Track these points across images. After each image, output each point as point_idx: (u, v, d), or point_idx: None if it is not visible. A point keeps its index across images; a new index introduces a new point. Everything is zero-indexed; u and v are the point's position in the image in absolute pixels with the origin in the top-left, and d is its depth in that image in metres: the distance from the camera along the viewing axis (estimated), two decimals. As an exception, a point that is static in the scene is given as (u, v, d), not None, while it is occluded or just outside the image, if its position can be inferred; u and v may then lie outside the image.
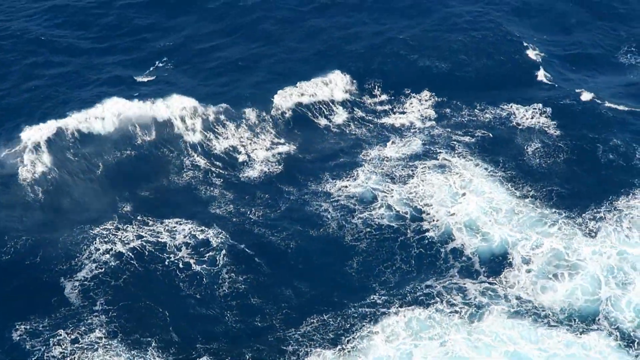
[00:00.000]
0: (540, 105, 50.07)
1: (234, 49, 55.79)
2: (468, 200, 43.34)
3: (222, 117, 49.22)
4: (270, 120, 49.50)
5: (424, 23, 57.88)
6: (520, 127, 48.77)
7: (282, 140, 48.47)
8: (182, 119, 48.54)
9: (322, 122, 49.97)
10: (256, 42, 56.56)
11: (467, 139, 47.89)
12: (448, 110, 50.47)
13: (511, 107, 50.27)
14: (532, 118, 49.19)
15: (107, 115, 47.83)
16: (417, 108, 50.70)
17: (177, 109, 48.88)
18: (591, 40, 56.87)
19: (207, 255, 40.83)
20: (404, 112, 50.52)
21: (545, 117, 49.28)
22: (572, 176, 45.30)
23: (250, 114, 49.65)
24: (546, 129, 48.38)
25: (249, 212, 43.42)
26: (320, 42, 56.26)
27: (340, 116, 50.30)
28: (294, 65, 54.15)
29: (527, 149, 47.15)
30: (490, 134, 48.13)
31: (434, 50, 54.84)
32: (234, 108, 49.79)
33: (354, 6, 60.11)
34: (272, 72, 53.53)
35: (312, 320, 37.81)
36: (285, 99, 50.78)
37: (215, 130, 48.61)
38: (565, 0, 60.69)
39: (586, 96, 50.76)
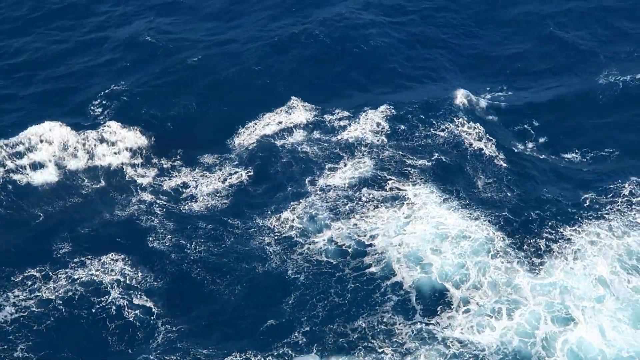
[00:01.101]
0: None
1: (188, 96, 55.13)
2: (414, 230, 42.26)
3: (177, 162, 48.91)
4: (228, 156, 48.98)
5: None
6: (471, 151, 47.52)
7: (236, 171, 47.76)
8: (134, 166, 48.38)
9: (280, 148, 49.06)
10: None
11: (420, 162, 46.76)
12: (403, 127, 49.46)
13: (464, 128, 49.06)
14: (479, 141, 47.92)
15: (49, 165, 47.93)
16: (373, 123, 49.89)
17: (127, 156, 48.77)
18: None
19: (141, 299, 40.20)
20: (358, 128, 49.73)
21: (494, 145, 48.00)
22: (520, 206, 43.96)
23: (208, 158, 49.17)
24: (495, 157, 47.01)
25: (190, 247, 42.84)
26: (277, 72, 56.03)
27: (299, 139, 49.56)
28: (253, 99, 53.93)
29: (478, 175, 45.98)
30: (444, 157, 46.94)
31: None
32: (190, 152, 49.62)
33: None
34: (232, 111, 53.27)
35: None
36: (245, 134, 50.50)
37: (170, 173, 48.24)
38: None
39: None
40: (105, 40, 60.40)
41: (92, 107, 53.33)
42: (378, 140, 48.63)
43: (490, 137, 48.13)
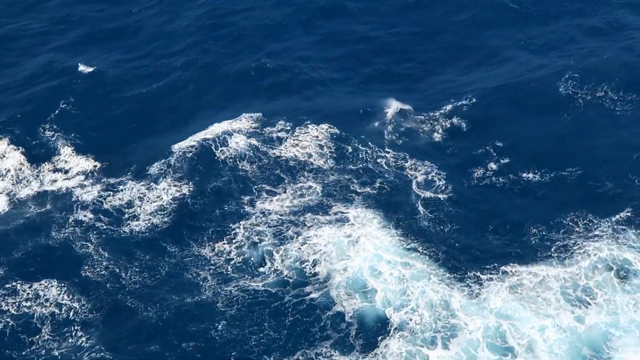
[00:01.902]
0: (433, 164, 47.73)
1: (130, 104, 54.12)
2: (356, 257, 41.46)
3: (123, 177, 47.82)
4: (170, 169, 47.71)
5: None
6: (416, 179, 46.59)
7: (177, 185, 46.67)
8: (82, 187, 47.35)
9: (222, 162, 47.96)
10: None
11: (363, 187, 45.82)
12: (350, 149, 48.35)
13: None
14: (425, 174, 46.89)
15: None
16: (317, 143, 48.73)
17: (75, 178, 47.89)
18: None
19: (71, 339, 39.03)
20: (302, 147, 48.56)
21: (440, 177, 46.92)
22: (463, 237, 43.17)
23: (151, 168, 47.99)
24: (442, 189, 46.02)
25: (124, 276, 41.87)
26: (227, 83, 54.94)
27: (241, 154, 48.32)
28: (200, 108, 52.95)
29: (420, 204, 44.99)
30: (387, 185, 45.97)
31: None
32: (135, 164, 48.55)
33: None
34: (176, 121, 52.30)
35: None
36: (186, 145, 49.08)
37: (114, 188, 47.09)
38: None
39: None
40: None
41: (44, 132, 52.11)
42: (320, 161, 47.61)
43: (437, 163, 47.26)
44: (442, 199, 45.16)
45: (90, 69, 56.89)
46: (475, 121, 50.34)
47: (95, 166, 48.83)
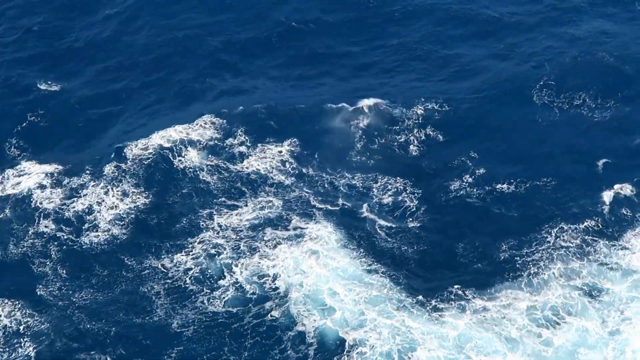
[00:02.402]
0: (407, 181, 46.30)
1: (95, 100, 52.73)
2: (315, 275, 40.36)
3: (82, 179, 46.41)
4: (128, 174, 46.20)
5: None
6: (385, 195, 45.24)
7: (135, 192, 45.29)
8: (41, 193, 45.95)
9: (181, 171, 46.51)
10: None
11: (326, 205, 44.44)
12: (311, 169, 46.77)
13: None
14: (395, 190, 45.51)
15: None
16: (279, 159, 47.13)
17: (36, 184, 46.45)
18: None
19: (21, 350, 38.05)
20: (263, 161, 47.02)
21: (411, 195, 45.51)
22: (429, 258, 42.05)
23: (108, 169, 46.52)
24: (411, 207, 44.67)
25: (77, 295, 40.68)
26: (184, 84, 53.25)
27: (200, 165, 46.84)
28: (160, 111, 51.27)
29: (385, 223, 43.66)
30: (348, 204, 44.60)
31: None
32: (93, 166, 47.19)
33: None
34: (133, 122, 50.69)
35: None
36: (143, 148, 47.55)
37: (75, 193, 45.74)
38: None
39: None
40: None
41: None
42: (282, 176, 46.15)
43: (412, 181, 45.86)
44: (410, 217, 44.07)
45: (49, 83, 55.00)
46: (450, 131, 49.04)
47: (55, 170, 47.35)
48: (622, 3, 57.81)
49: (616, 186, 44.75)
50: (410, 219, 43.78)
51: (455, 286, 40.20)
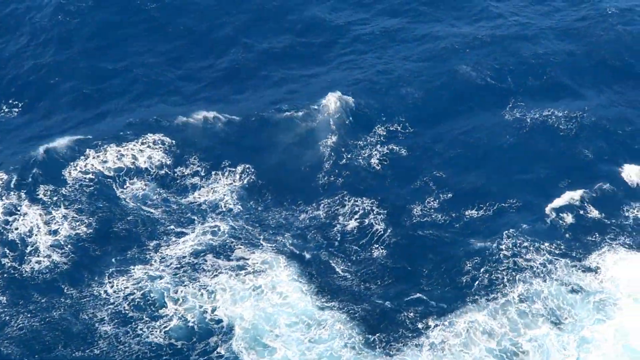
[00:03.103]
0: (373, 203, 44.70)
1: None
2: (263, 309, 38.77)
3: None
4: (69, 195, 44.24)
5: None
6: (350, 221, 43.84)
7: (76, 218, 43.40)
8: None
9: (125, 195, 44.87)
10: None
11: (277, 234, 42.92)
12: (267, 197, 45.18)
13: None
14: (360, 214, 43.96)
15: None
16: (232, 187, 45.49)
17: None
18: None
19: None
20: (214, 190, 45.35)
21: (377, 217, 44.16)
22: (392, 291, 40.68)
23: (45, 189, 44.53)
24: (372, 234, 43.26)
25: (12, 323, 38.68)
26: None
27: (146, 189, 45.08)
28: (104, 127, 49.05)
29: (339, 264, 42.07)
30: (307, 231, 43.24)
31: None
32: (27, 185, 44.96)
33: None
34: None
35: None
36: (86, 166, 45.74)
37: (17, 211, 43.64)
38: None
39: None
40: None
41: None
42: (237, 203, 44.53)
43: (378, 207, 44.19)
44: (375, 244, 42.71)
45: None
46: (414, 148, 47.89)
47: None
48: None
49: (581, 207, 44.07)
50: (376, 246, 42.45)
51: (417, 322, 38.92)
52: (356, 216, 43.45)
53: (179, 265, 40.99)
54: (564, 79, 52.17)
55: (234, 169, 46.24)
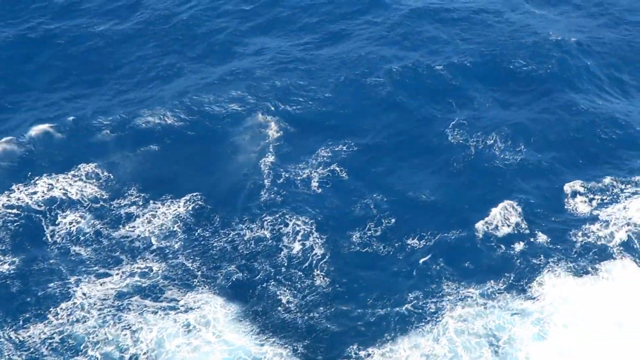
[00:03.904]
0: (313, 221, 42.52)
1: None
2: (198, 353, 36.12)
3: None
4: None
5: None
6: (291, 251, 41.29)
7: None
8: None
9: (51, 238, 41.79)
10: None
11: (215, 271, 40.30)
12: (216, 220, 42.76)
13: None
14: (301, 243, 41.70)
15: None
16: (170, 219, 42.75)
17: None
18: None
19: None
20: (149, 221, 42.58)
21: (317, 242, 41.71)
22: (335, 324, 38.20)
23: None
24: (315, 263, 40.77)
25: None
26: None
27: (75, 227, 42.33)
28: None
29: (287, 289, 39.74)
30: (246, 266, 40.52)
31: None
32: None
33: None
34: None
35: None
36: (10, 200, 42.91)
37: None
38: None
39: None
40: None
41: None
42: (168, 242, 41.79)
43: (319, 233, 41.90)
44: (315, 270, 40.21)
45: None
46: (356, 171, 45.38)
47: None
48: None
49: (524, 230, 42.14)
50: (317, 272, 40.05)
51: (359, 346, 36.96)
52: (298, 237, 41.78)
53: (102, 307, 38.20)
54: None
55: (175, 195, 43.94)
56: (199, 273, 40.03)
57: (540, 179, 45.19)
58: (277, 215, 42.49)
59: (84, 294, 38.76)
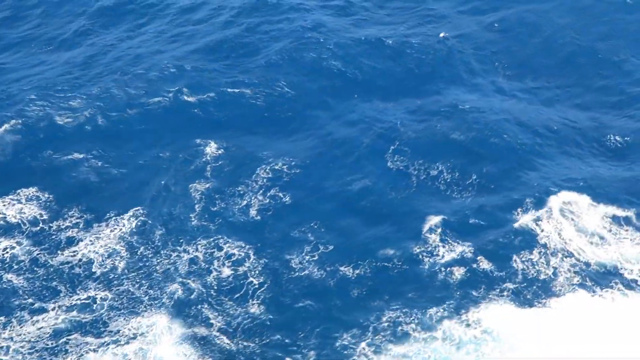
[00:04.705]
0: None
1: None
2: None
3: None
4: None
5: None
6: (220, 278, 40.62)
7: None
8: None
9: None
10: None
11: (160, 296, 39.45)
12: (156, 241, 41.90)
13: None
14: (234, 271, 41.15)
15: None
16: (118, 238, 41.94)
17: None
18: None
19: None
20: (92, 243, 41.74)
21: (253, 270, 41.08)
22: (271, 350, 37.53)
23: None
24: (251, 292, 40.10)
25: None
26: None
27: (13, 254, 41.40)
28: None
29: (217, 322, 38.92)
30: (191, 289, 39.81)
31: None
32: None
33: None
34: None
35: None
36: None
37: None
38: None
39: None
40: None
41: None
42: (111, 264, 40.96)
43: (256, 258, 41.17)
44: (251, 298, 39.50)
45: None
46: (295, 197, 44.38)
47: None
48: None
49: (467, 259, 41.11)
50: (252, 301, 39.59)
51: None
52: (231, 264, 40.64)
53: (33, 349, 36.88)
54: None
55: (120, 216, 43.08)
56: (145, 298, 39.32)
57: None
58: (211, 239, 41.79)
59: (15, 334, 37.52)
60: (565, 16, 57.10)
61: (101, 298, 39.13)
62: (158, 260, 40.98)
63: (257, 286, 39.77)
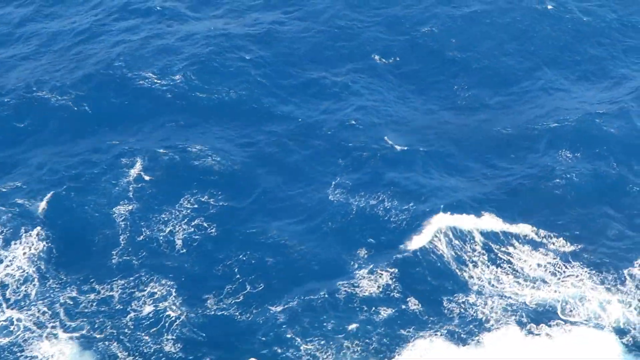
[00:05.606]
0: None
1: None
2: None
3: None
4: None
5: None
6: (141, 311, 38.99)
7: None
8: None
9: None
10: None
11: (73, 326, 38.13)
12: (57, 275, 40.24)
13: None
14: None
15: None
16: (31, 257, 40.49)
17: None
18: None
19: None
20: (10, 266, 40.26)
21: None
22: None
23: None
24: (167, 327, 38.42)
25: None
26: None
27: None
28: None
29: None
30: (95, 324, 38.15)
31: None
32: None
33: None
34: None
35: None
36: None
37: None
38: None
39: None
40: None
41: None
42: (29, 285, 39.50)
43: (176, 295, 39.54)
44: (167, 333, 37.80)
45: None
46: (223, 225, 42.88)
47: None
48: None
49: (398, 296, 39.66)
50: (168, 337, 37.58)
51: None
52: (151, 301, 39.05)
53: None
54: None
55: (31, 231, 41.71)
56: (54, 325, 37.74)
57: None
58: (132, 278, 40.11)
59: None
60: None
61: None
62: (66, 294, 39.35)
63: (175, 322, 38.12)
